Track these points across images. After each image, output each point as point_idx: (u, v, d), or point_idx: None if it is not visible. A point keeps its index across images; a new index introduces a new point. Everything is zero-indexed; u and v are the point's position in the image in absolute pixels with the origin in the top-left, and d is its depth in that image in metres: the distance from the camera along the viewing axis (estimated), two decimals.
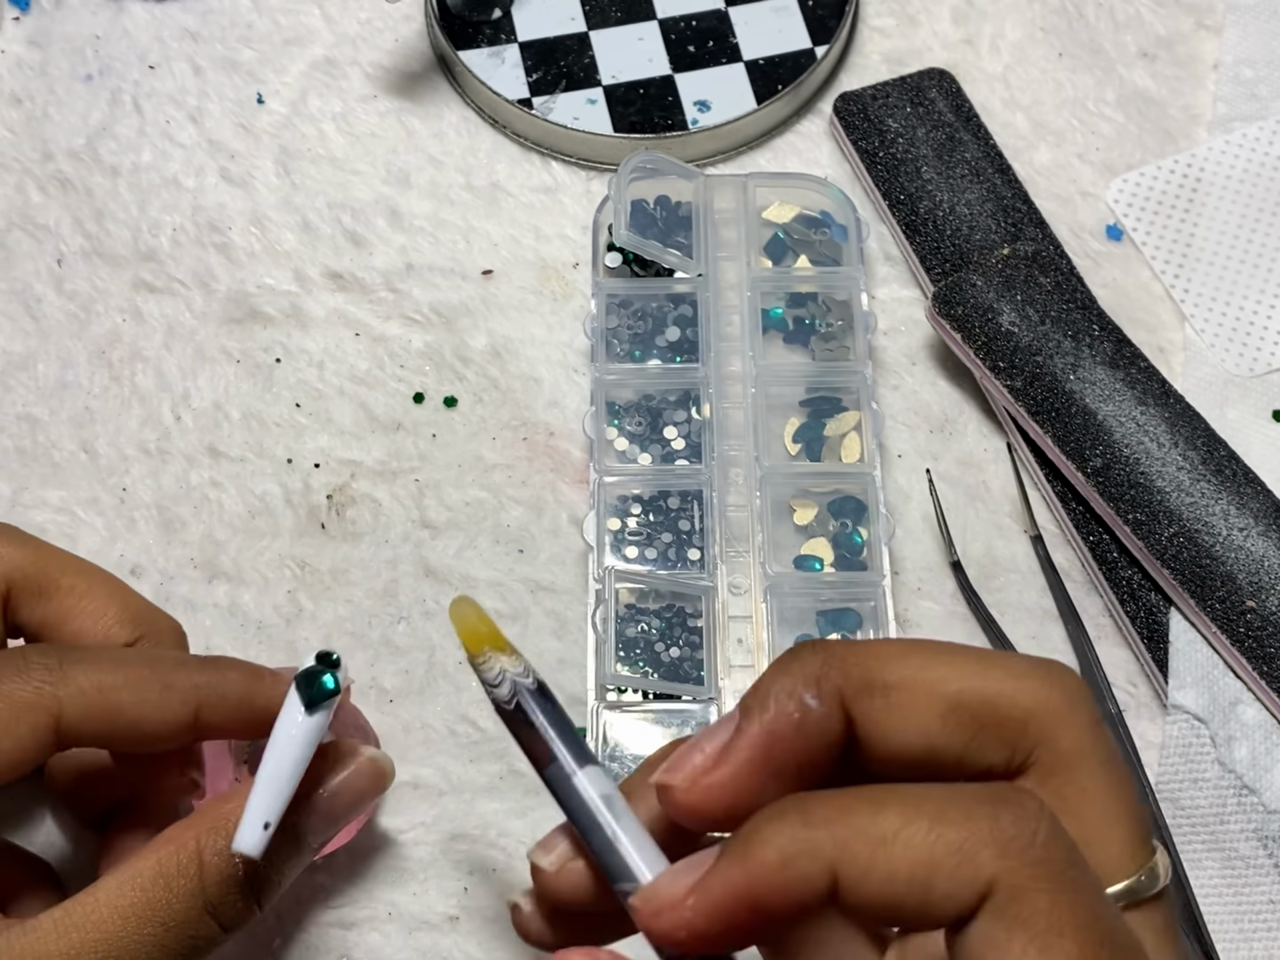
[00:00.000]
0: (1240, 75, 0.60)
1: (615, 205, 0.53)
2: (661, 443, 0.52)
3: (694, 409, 0.52)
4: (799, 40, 0.61)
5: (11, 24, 0.62)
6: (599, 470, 0.50)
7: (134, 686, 0.38)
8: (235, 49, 0.62)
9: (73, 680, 0.37)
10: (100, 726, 0.38)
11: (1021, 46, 0.62)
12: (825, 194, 0.56)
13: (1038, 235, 0.56)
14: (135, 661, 0.39)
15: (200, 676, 0.39)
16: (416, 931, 0.46)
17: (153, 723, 0.38)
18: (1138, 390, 0.52)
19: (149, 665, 0.39)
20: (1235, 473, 0.50)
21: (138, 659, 0.39)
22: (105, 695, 0.38)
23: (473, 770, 0.48)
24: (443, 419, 0.54)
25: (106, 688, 0.38)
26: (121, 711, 0.38)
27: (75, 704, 0.37)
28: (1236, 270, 0.56)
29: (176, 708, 0.38)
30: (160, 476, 0.53)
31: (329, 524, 0.52)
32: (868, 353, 0.53)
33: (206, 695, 0.39)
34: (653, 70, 0.61)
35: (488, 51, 0.61)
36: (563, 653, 0.50)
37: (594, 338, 0.53)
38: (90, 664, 0.38)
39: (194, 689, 0.39)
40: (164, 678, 0.39)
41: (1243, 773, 0.46)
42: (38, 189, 0.59)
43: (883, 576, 0.49)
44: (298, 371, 0.55)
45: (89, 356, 0.55)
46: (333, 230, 0.58)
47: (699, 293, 0.54)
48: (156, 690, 0.38)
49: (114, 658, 0.39)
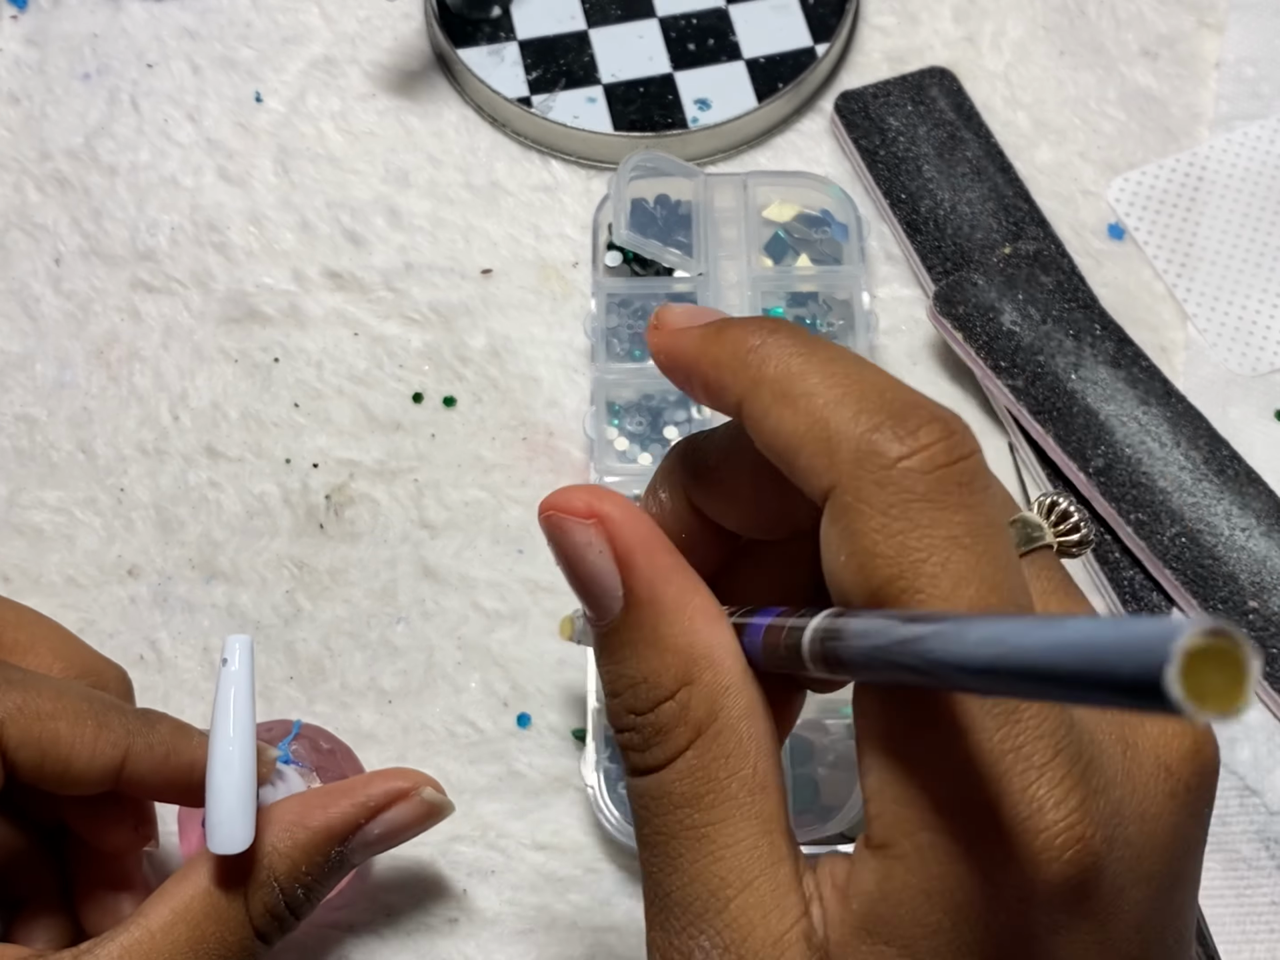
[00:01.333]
0: (1242, 74, 0.60)
1: (615, 204, 0.53)
2: (662, 442, 0.52)
3: (694, 409, 0.52)
4: (799, 38, 0.61)
5: (9, 22, 0.62)
6: (599, 470, 0.50)
7: (70, 718, 0.37)
8: (233, 47, 0.62)
9: (10, 699, 0.37)
10: (34, 755, 0.37)
11: (1023, 45, 0.62)
12: (826, 192, 0.56)
13: (1039, 234, 0.56)
14: (73, 694, 0.38)
15: (133, 723, 0.39)
16: (415, 934, 0.46)
17: (83, 760, 0.38)
18: (1139, 390, 0.52)
19: (86, 700, 0.38)
20: (1238, 473, 0.50)
21: (76, 693, 0.38)
22: (42, 722, 0.37)
23: (472, 771, 0.48)
24: (442, 419, 0.54)
25: (44, 714, 0.37)
26: (58, 740, 0.37)
27: (13, 725, 0.37)
28: (1239, 269, 0.56)
29: (107, 749, 0.38)
30: (158, 476, 0.53)
31: (327, 524, 0.52)
32: (869, 352, 0.53)
33: (135, 743, 0.38)
34: (653, 68, 0.60)
35: (487, 50, 0.61)
36: (563, 653, 0.50)
37: (594, 337, 0.53)
38: (31, 687, 0.37)
39: (125, 734, 0.38)
40: (100, 716, 0.38)
41: (1245, 774, 0.46)
42: (35, 188, 0.58)
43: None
44: (296, 371, 0.55)
45: (87, 356, 0.55)
46: (331, 229, 0.58)
47: (699, 292, 0.54)
48: (92, 728, 0.38)
49: (53, 686, 0.38)
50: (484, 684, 0.49)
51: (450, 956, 0.46)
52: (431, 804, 0.41)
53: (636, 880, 0.47)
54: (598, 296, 0.53)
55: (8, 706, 0.37)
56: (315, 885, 0.39)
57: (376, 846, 0.41)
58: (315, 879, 0.39)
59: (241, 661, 0.38)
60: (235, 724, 0.38)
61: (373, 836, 0.40)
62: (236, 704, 0.38)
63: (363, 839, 0.40)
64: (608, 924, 0.46)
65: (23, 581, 0.51)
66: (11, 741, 0.37)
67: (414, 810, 0.41)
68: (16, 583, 0.51)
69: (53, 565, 0.51)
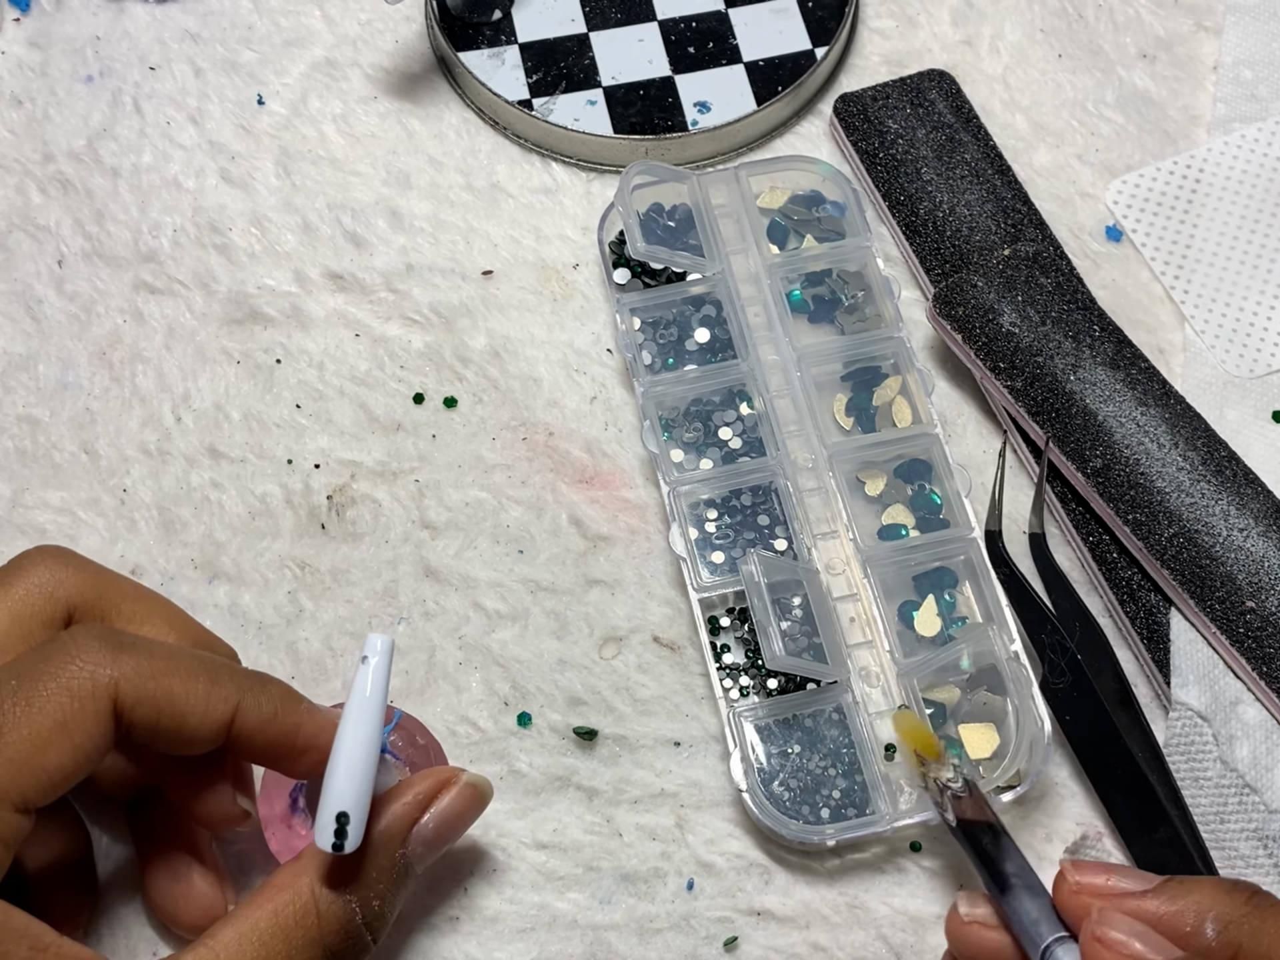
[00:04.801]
0: (1240, 76, 0.60)
1: (625, 221, 0.53)
2: (719, 445, 0.52)
3: (743, 405, 0.52)
4: (799, 41, 0.61)
5: (12, 25, 0.62)
6: (669, 482, 0.50)
7: (183, 674, 0.38)
8: (236, 50, 0.62)
9: (125, 662, 0.37)
10: (150, 713, 0.38)
11: (1021, 48, 0.62)
12: (816, 171, 0.56)
13: (1038, 236, 0.56)
14: (184, 652, 0.39)
15: (245, 680, 0.40)
16: (417, 932, 0.46)
17: (197, 715, 0.38)
18: (1138, 391, 0.52)
19: (197, 659, 0.39)
20: (1235, 473, 0.50)
21: (186, 653, 0.39)
22: (157, 680, 0.38)
23: (473, 770, 0.48)
24: (443, 419, 0.54)
25: (159, 672, 0.38)
26: (172, 697, 0.38)
27: (130, 686, 0.37)
28: (1236, 271, 0.56)
29: (219, 705, 0.39)
30: (161, 477, 0.53)
31: (329, 524, 0.52)
32: (897, 315, 0.53)
33: (246, 700, 0.39)
34: (653, 71, 0.61)
35: (488, 53, 0.61)
36: (563, 652, 0.50)
37: (629, 352, 0.53)
38: (142, 649, 0.38)
39: (236, 690, 0.39)
40: (211, 671, 0.39)
41: (1244, 772, 0.46)
42: (38, 190, 0.59)
43: (970, 530, 0.50)
44: (298, 372, 0.55)
45: (90, 357, 0.55)
46: (333, 231, 0.58)
47: (718, 290, 0.54)
48: (204, 683, 0.38)
49: (164, 647, 0.39)
50: (485, 683, 0.50)
51: (451, 955, 0.46)
52: (475, 786, 0.42)
53: (637, 880, 0.47)
54: (621, 313, 0.53)
55: (124, 668, 0.37)
56: (388, 895, 0.40)
57: (435, 843, 0.41)
58: (386, 887, 0.40)
59: (380, 663, 0.38)
60: (363, 726, 0.38)
61: (429, 831, 0.41)
62: (368, 705, 0.38)
63: (420, 835, 0.41)
64: (608, 923, 0.46)
65: None
66: (128, 700, 0.37)
67: (461, 796, 0.42)
68: None
69: None
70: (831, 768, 0.47)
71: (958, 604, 0.50)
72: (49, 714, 0.36)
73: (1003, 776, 0.45)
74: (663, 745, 0.49)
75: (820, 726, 0.47)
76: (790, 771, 0.46)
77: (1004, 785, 0.46)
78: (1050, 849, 0.47)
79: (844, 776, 0.46)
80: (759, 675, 0.48)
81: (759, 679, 0.48)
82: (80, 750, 0.37)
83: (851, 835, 0.45)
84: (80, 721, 0.36)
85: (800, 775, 0.46)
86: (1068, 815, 0.47)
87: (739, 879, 0.47)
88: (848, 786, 0.46)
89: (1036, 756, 0.46)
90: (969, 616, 0.49)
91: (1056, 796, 0.48)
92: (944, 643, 0.48)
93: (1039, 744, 0.46)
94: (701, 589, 0.49)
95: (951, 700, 0.47)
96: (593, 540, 0.52)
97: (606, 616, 0.51)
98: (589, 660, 0.50)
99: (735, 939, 0.46)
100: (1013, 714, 0.46)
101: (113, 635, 0.38)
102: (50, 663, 0.37)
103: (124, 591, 0.42)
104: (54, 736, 0.36)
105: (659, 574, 0.51)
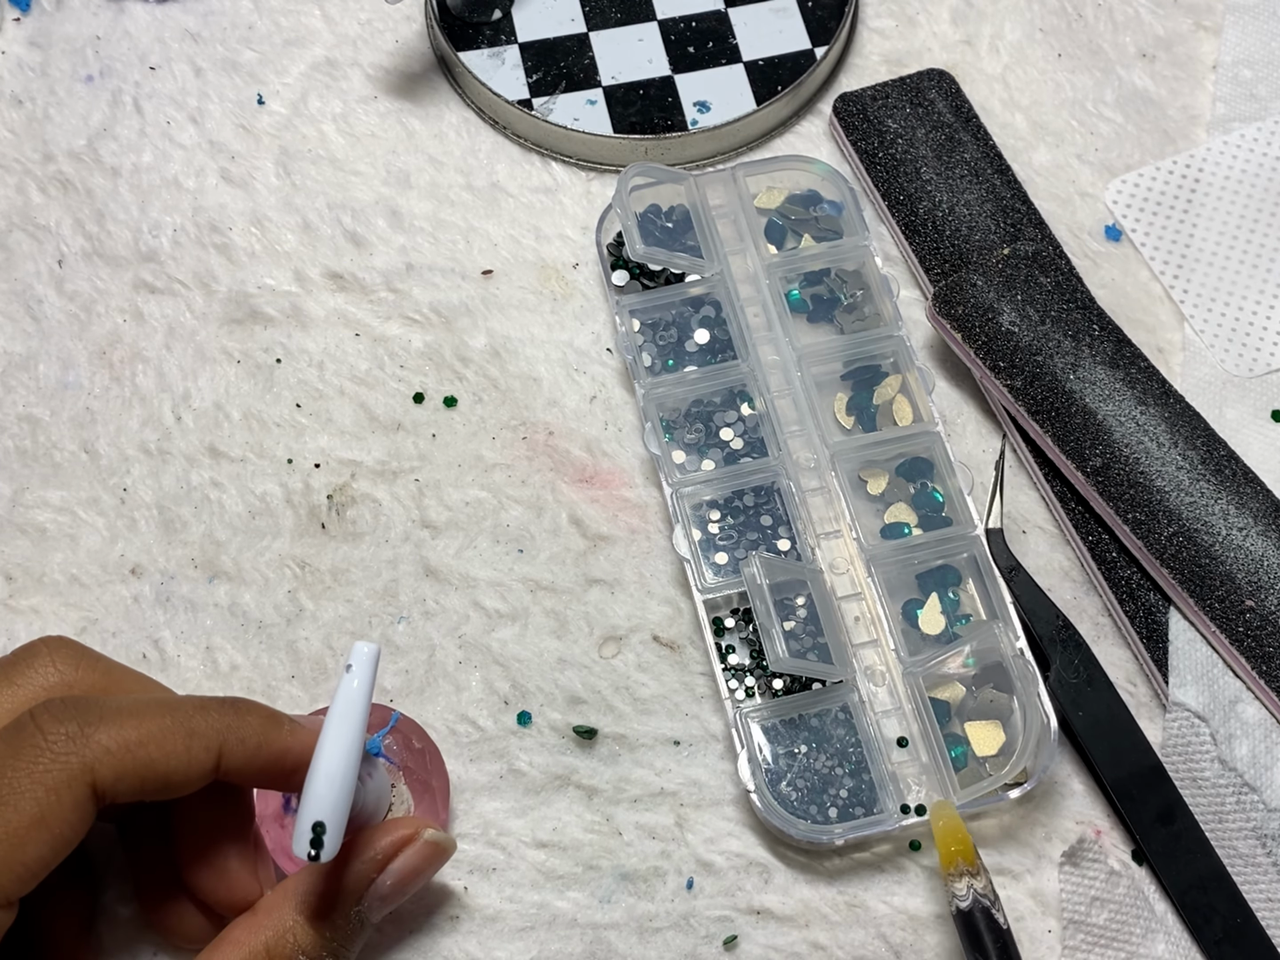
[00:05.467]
0: (1239, 76, 0.60)
1: (623, 223, 0.53)
2: (720, 446, 0.52)
3: (742, 405, 0.52)
4: (798, 41, 0.61)
5: (12, 25, 0.62)
6: (671, 484, 0.50)
7: (159, 740, 0.38)
8: (236, 50, 0.62)
9: (97, 742, 0.37)
10: (133, 783, 0.37)
11: (1020, 47, 0.62)
12: (812, 170, 0.56)
13: (1037, 235, 0.56)
14: (155, 711, 0.38)
15: (221, 720, 0.39)
16: (417, 931, 0.46)
17: (180, 773, 0.38)
18: (1137, 390, 0.52)
19: (169, 713, 0.39)
20: (1234, 472, 0.50)
21: (157, 708, 0.39)
22: (133, 752, 0.37)
23: (473, 770, 0.48)
24: (443, 419, 0.54)
25: (133, 744, 0.37)
26: (151, 765, 0.37)
27: (106, 768, 0.37)
28: (1235, 270, 0.57)
29: (201, 755, 0.38)
30: (161, 477, 0.53)
31: (329, 524, 0.52)
32: (897, 314, 0.53)
33: (229, 741, 0.39)
34: (652, 71, 0.61)
35: (488, 52, 0.61)
36: (563, 651, 0.50)
37: (629, 354, 0.53)
38: (111, 721, 0.38)
39: (216, 735, 0.39)
40: (186, 725, 0.38)
41: (1243, 770, 0.46)
42: (39, 190, 0.59)
43: (973, 527, 0.50)
44: (298, 372, 0.55)
45: (90, 357, 0.55)
46: (333, 231, 0.58)
47: (717, 291, 0.54)
48: (181, 740, 0.38)
49: (133, 710, 0.38)
50: (485, 682, 0.50)
51: (451, 953, 0.46)
52: (435, 844, 0.42)
53: (637, 879, 0.47)
54: (620, 315, 0.53)
55: (97, 749, 0.37)
56: (340, 950, 0.40)
57: (391, 898, 0.42)
58: (339, 943, 0.40)
59: (363, 673, 0.38)
60: (343, 736, 0.38)
61: (386, 889, 0.41)
62: (348, 715, 0.38)
63: (376, 893, 0.41)
64: (608, 921, 0.46)
65: (26, 581, 0.51)
66: (107, 780, 0.37)
67: (420, 854, 0.42)
68: (20, 582, 0.51)
69: (56, 565, 0.52)
70: (838, 767, 0.47)
71: (961, 601, 0.50)
72: (25, 811, 0.36)
73: (1010, 774, 0.45)
74: (662, 744, 0.49)
75: (826, 726, 0.47)
76: (797, 771, 0.46)
77: (1010, 783, 0.46)
78: (1050, 848, 0.47)
79: (851, 776, 0.46)
80: (764, 676, 0.48)
81: (764, 679, 0.48)
82: (60, 839, 0.36)
83: (859, 834, 0.46)
84: (58, 813, 0.36)
85: (807, 775, 0.46)
86: (1068, 814, 0.48)
87: (739, 878, 0.47)
88: (855, 785, 0.46)
89: (1043, 753, 0.46)
90: (973, 614, 0.49)
91: (1057, 795, 0.48)
92: (949, 640, 0.48)
93: (1045, 741, 0.46)
94: (705, 590, 0.49)
95: (956, 698, 0.48)
96: (593, 539, 0.52)
97: (606, 616, 0.51)
98: (589, 659, 0.50)
99: (735, 938, 0.46)
100: (1019, 711, 0.46)
101: (82, 710, 0.38)
102: (21, 758, 0.36)
103: (130, 688, 0.42)
104: (31, 833, 0.36)
105: (659, 573, 0.51)
